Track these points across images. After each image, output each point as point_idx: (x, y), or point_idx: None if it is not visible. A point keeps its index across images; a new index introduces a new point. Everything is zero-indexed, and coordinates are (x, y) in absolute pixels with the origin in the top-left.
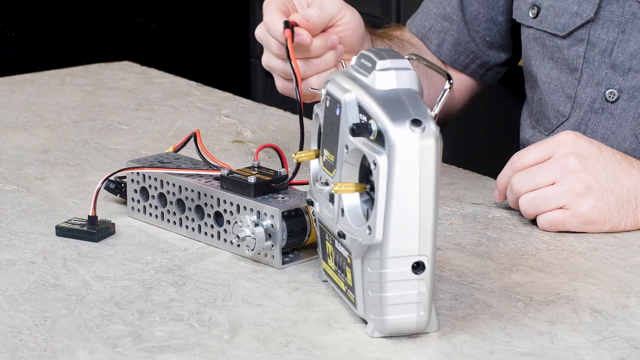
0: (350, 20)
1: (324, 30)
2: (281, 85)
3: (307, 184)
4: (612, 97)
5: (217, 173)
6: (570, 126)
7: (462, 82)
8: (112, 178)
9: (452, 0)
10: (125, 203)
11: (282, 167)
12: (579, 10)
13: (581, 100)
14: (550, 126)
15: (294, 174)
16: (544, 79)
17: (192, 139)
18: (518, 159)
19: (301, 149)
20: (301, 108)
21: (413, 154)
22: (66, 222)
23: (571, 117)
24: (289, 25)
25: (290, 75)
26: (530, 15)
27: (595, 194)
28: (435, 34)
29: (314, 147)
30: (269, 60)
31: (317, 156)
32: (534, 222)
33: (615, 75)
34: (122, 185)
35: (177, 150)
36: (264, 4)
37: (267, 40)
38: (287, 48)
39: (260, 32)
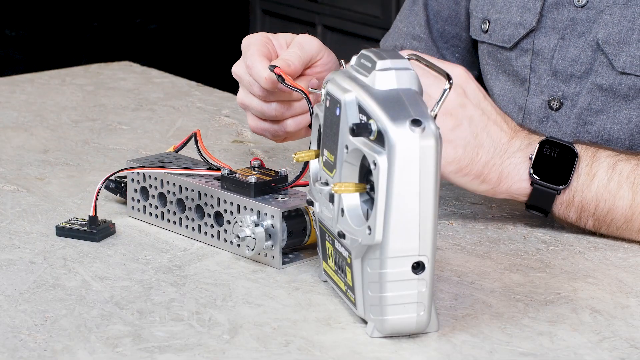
0: (328, 62)
1: (303, 73)
2: (254, 124)
3: (307, 185)
4: (556, 105)
5: (218, 173)
6: None
7: None
8: (112, 178)
9: (420, 19)
10: (125, 203)
11: None
12: (522, 20)
13: (530, 110)
14: None
15: (299, 175)
16: (499, 92)
17: (193, 139)
18: None
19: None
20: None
21: (413, 154)
22: (66, 222)
23: None
24: (274, 69)
25: (265, 116)
26: (482, 29)
27: (461, 134)
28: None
29: (314, 147)
30: (245, 99)
31: (317, 156)
32: (534, 221)
33: (557, 82)
34: (122, 184)
35: (177, 150)
36: (244, 44)
37: (247, 81)
38: (283, 81)
39: (239, 71)
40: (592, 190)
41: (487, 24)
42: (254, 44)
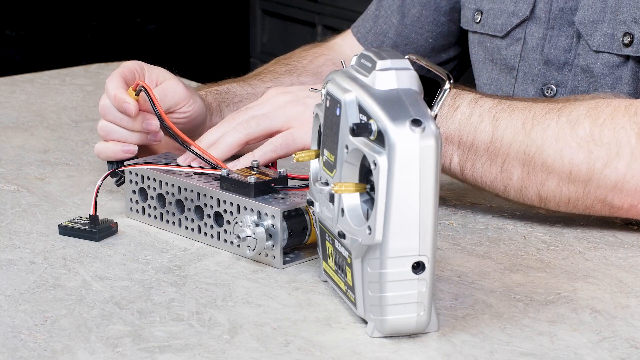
0: (189, 112)
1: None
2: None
3: (306, 179)
4: (550, 93)
5: (217, 173)
6: None
7: None
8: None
9: (392, 3)
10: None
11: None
12: (515, 10)
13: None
14: None
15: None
16: (486, 81)
17: (145, 93)
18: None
19: None
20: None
21: (413, 154)
22: (69, 221)
23: None
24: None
25: (105, 137)
26: (475, 20)
27: (308, 107)
28: (374, 36)
29: (314, 147)
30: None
31: (317, 156)
32: (534, 221)
33: (549, 70)
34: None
35: (137, 92)
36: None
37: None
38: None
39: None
40: (455, 121)
41: (480, 14)
42: (121, 67)
